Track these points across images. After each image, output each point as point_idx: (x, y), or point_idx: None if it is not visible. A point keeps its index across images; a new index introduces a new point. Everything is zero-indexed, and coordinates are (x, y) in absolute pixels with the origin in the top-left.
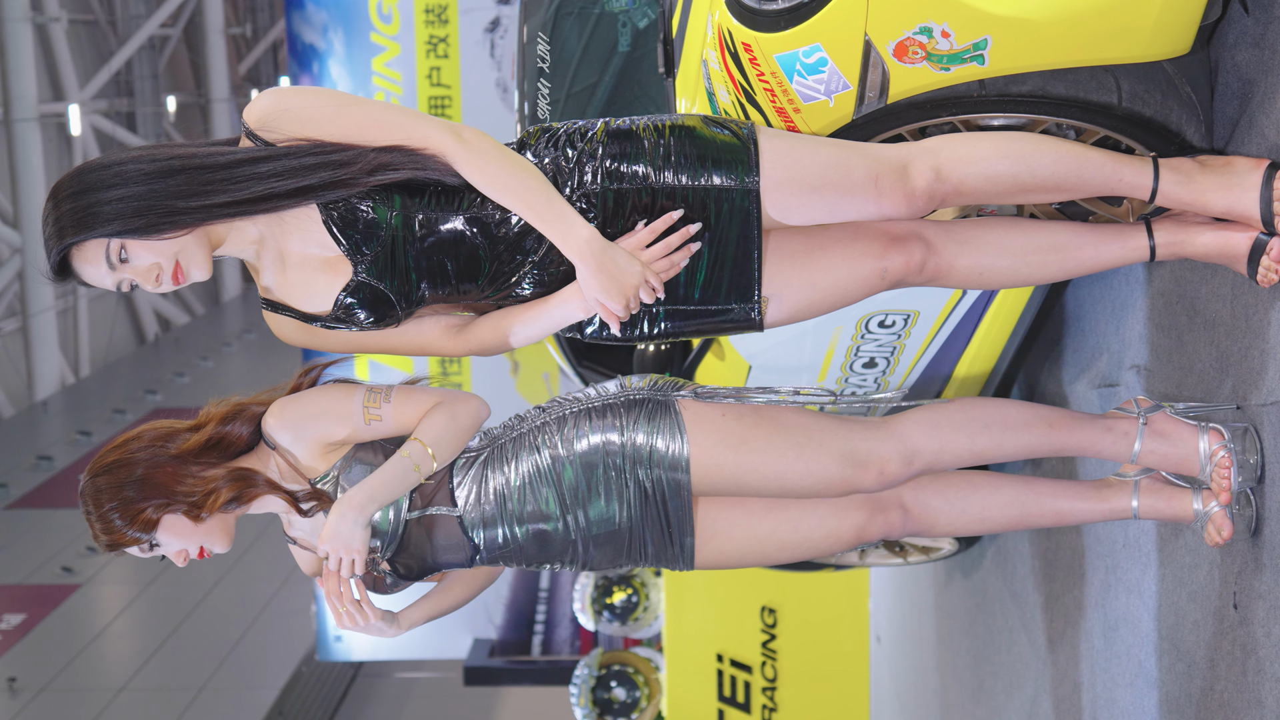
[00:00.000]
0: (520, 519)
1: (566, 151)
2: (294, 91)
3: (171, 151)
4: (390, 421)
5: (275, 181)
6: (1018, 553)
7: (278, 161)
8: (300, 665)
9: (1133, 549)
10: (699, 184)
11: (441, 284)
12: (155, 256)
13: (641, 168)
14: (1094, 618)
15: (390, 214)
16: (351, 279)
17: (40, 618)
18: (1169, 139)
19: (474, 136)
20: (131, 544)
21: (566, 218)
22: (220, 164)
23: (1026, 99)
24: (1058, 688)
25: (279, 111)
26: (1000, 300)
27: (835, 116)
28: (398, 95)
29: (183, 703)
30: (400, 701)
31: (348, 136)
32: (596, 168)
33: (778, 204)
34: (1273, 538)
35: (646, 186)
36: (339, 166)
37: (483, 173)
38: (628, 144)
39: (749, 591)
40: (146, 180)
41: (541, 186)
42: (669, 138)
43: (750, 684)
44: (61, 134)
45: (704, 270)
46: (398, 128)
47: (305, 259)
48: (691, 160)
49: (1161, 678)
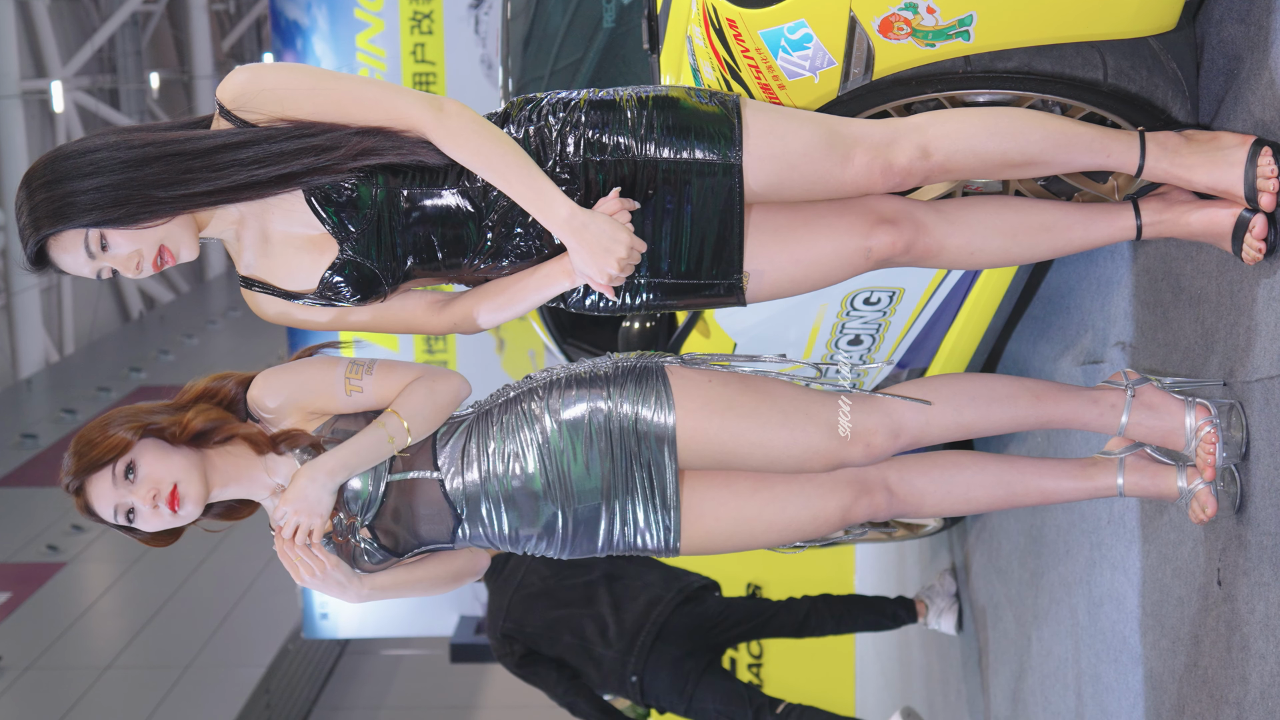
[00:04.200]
0: (503, 482)
1: (549, 120)
2: (269, 69)
3: (148, 137)
4: (371, 394)
5: (256, 169)
6: (1003, 529)
7: (258, 147)
8: (286, 643)
9: (1117, 526)
10: (680, 157)
11: (429, 259)
12: (136, 244)
13: (624, 139)
14: (1079, 594)
15: (374, 191)
16: (337, 257)
17: (25, 596)
18: (1155, 115)
19: (454, 110)
20: (104, 466)
21: (546, 194)
22: (199, 150)
23: (1012, 75)
24: (1042, 664)
25: (255, 91)
26: (985, 277)
27: (820, 93)
28: (382, 71)
29: (169, 680)
30: (386, 678)
31: (326, 115)
32: (579, 139)
33: (760, 178)
34: (1257, 515)
35: (628, 159)
36: (321, 152)
37: (462, 148)
38: (610, 114)
39: (735, 568)
40: (123, 168)
41: (521, 162)
42: (651, 109)
43: (736, 660)
44: (44, 111)
45: (686, 244)
46: (377, 105)
47: (289, 238)
48: (674, 132)
49: (1146, 654)
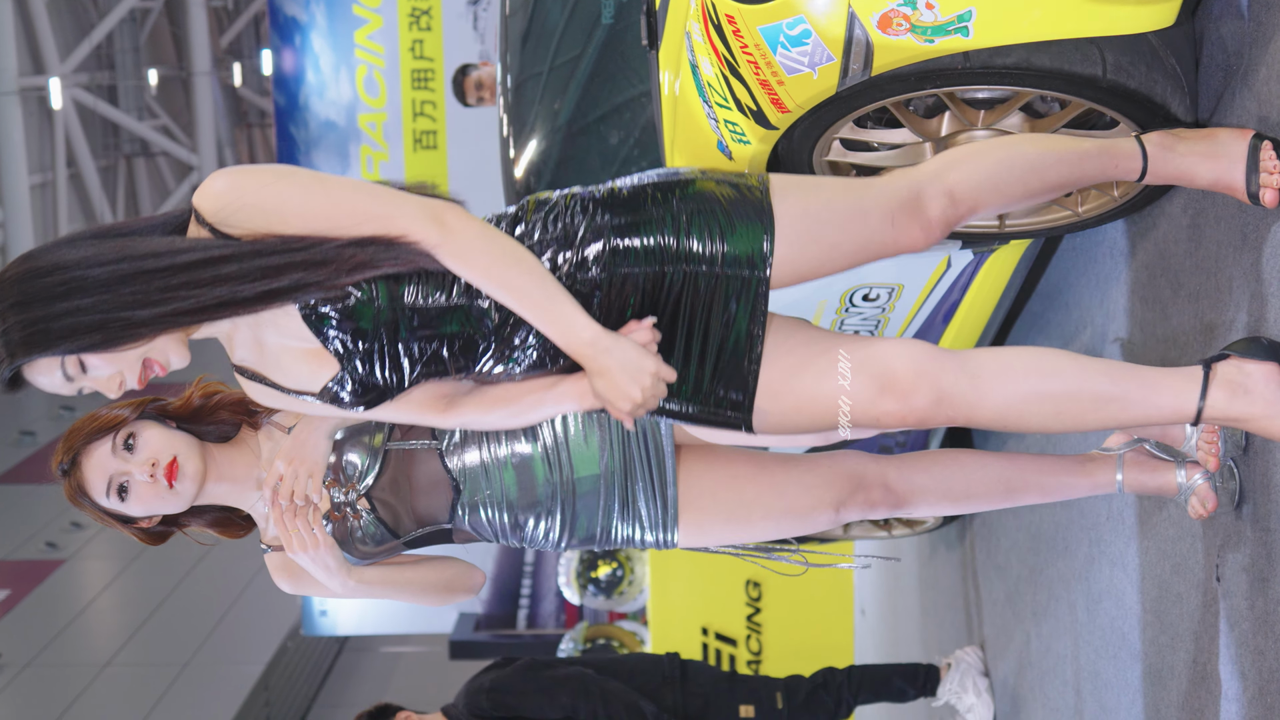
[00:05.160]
0: (502, 455)
1: (566, 222)
2: (250, 178)
3: (122, 249)
4: None
5: (240, 285)
6: (1001, 526)
7: (242, 262)
8: (285, 640)
9: (1116, 522)
10: (713, 270)
11: (437, 368)
12: (116, 366)
13: (650, 244)
14: (1077, 590)
15: (375, 303)
16: (339, 372)
17: (24, 593)
18: (1153, 111)
19: (458, 224)
20: (105, 435)
21: (566, 315)
22: (177, 265)
23: (1011, 71)
24: (1041, 660)
25: (236, 205)
26: (985, 274)
27: (819, 89)
28: (380, 68)
29: (168, 678)
30: (385, 675)
31: (316, 229)
32: (602, 250)
33: (797, 266)
34: (1255, 510)
35: (654, 270)
36: (311, 267)
37: (470, 267)
38: (634, 218)
39: (733, 565)
40: (98, 289)
41: (536, 279)
42: (677, 205)
43: (735, 657)
44: (42, 107)
45: (695, 365)
46: (370, 218)
47: (285, 349)
48: (704, 237)
49: (1145, 650)
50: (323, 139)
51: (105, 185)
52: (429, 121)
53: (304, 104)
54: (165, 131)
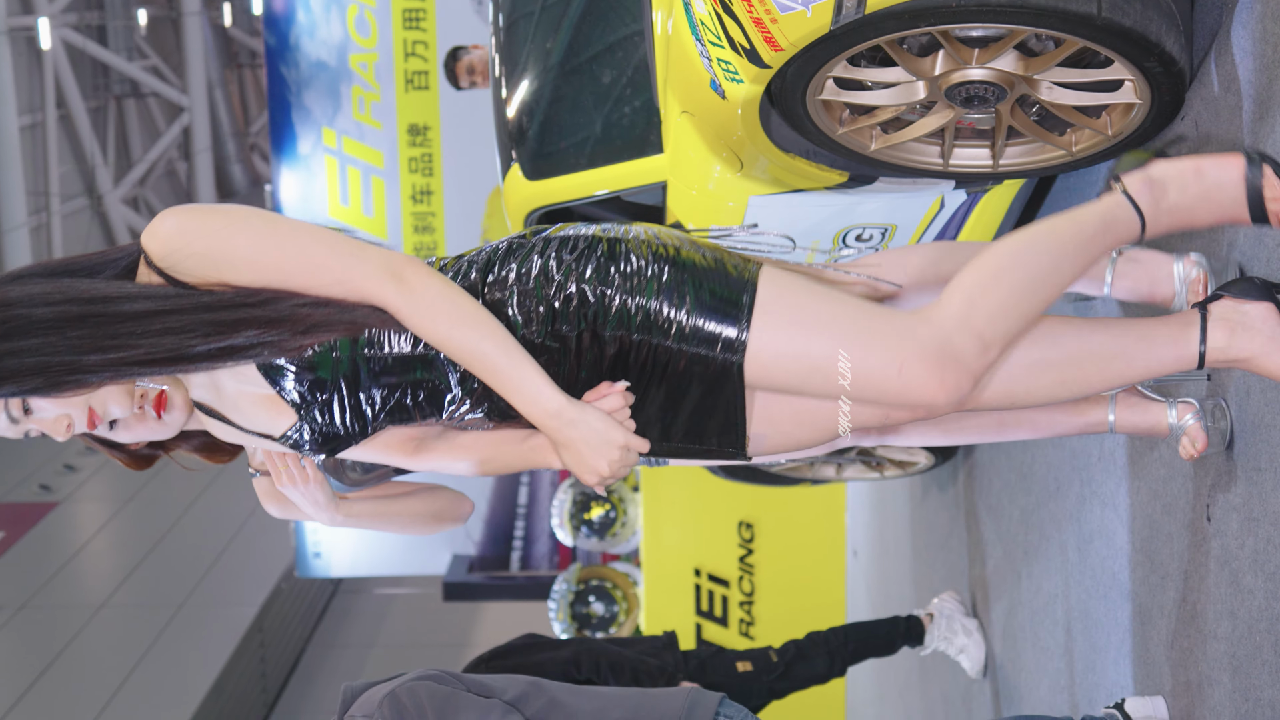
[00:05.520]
0: None
1: (542, 266)
2: (199, 221)
3: (71, 291)
4: None
5: (192, 339)
6: (993, 467)
7: (193, 315)
8: (279, 581)
9: (1108, 462)
10: (680, 348)
11: (402, 417)
12: (63, 409)
13: (621, 308)
14: (1069, 531)
15: (336, 357)
16: (298, 421)
17: (19, 536)
18: (1148, 49)
19: (418, 280)
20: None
21: (530, 384)
22: (128, 313)
23: (1005, 9)
24: (1032, 600)
25: (185, 252)
26: (978, 214)
27: (813, 27)
28: (371, 8)
29: (162, 620)
30: (379, 617)
31: (268, 281)
32: (574, 307)
33: (770, 380)
34: (1246, 450)
35: (623, 337)
36: (266, 325)
37: (431, 329)
38: (605, 281)
39: (726, 507)
40: (43, 330)
41: (499, 345)
42: (653, 271)
43: (728, 598)
44: (31, 48)
45: (672, 418)
46: (325, 272)
47: (242, 394)
48: (681, 307)
49: (1135, 589)
50: (314, 79)
51: (95, 126)
52: (420, 62)
53: (295, 44)
54: (155, 72)
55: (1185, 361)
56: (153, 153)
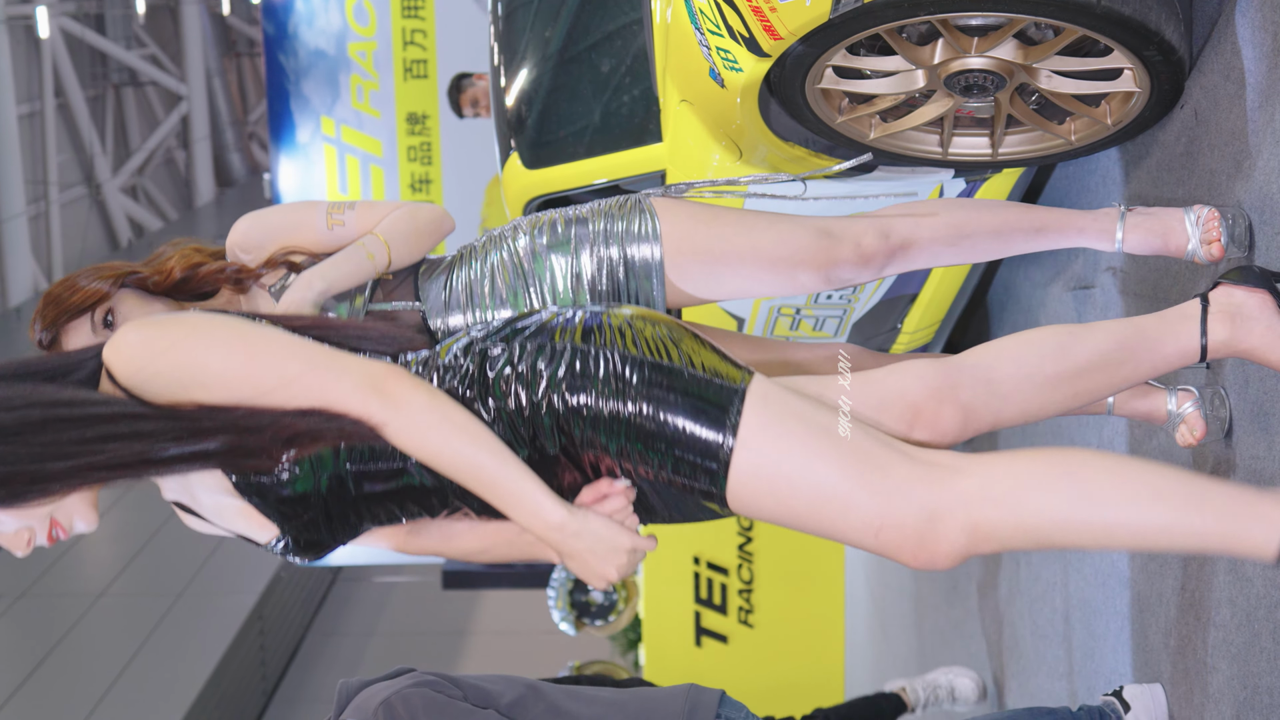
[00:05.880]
0: (485, 308)
1: (515, 373)
2: (163, 336)
3: (33, 395)
4: (353, 228)
5: (161, 443)
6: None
7: (165, 421)
8: (279, 570)
9: (1107, 450)
10: (661, 475)
11: (391, 520)
12: (24, 521)
13: (598, 420)
14: None
15: (318, 478)
16: (280, 536)
17: None
18: (1148, 38)
19: (403, 393)
20: (82, 314)
21: (530, 498)
22: (94, 416)
23: None
24: (1031, 587)
25: (150, 371)
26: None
27: (812, 15)
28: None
29: (162, 608)
30: (379, 605)
31: (241, 398)
32: (562, 406)
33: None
34: (1244, 439)
35: (602, 456)
36: (243, 433)
37: (420, 446)
38: (579, 390)
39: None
40: (4, 439)
41: (494, 457)
42: (630, 380)
43: (727, 586)
44: (29, 36)
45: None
46: (302, 389)
47: (220, 506)
48: (670, 413)
49: (1133, 577)
50: (312, 68)
51: (93, 115)
52: (419, 50)
53: (293, 32)
54: (154, 61)
55: (1188, 356)
56: (151, 141)
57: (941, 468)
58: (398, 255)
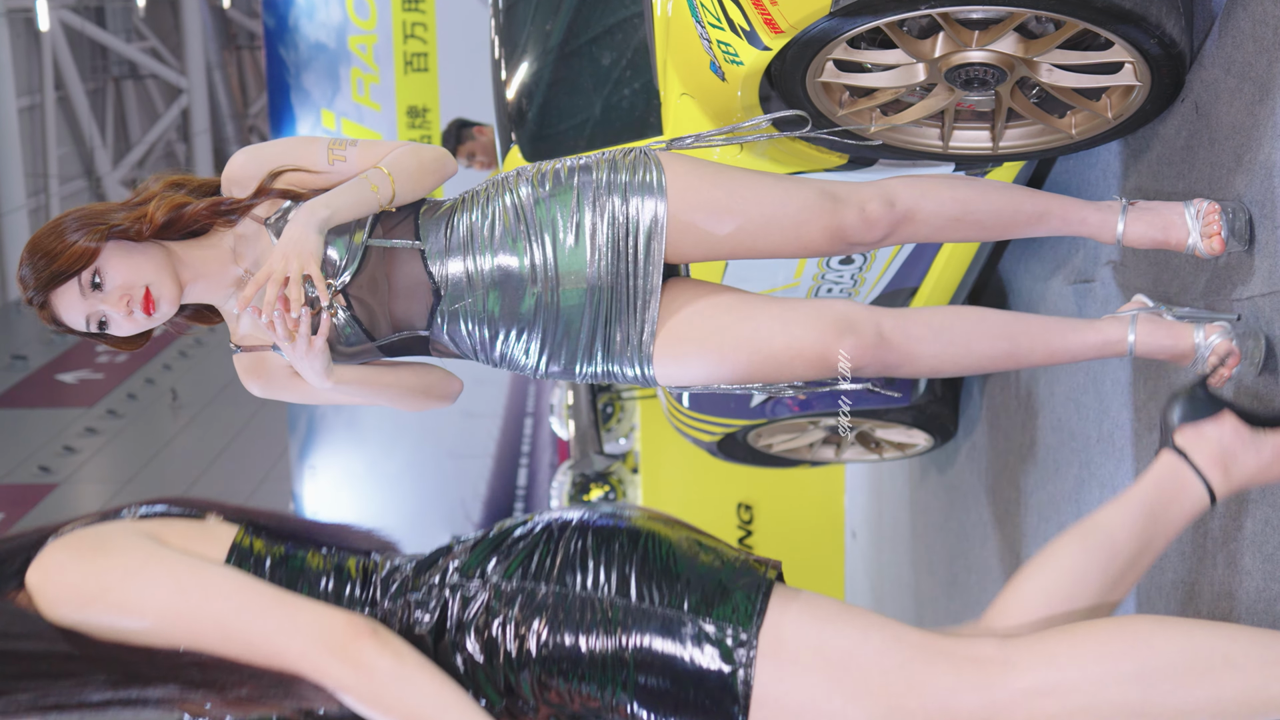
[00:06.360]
0: (485, 253)
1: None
2: (92, 579)
3: None
4: (354, 163)
5: (95, 684)
6: (992, 449)
7: (103, 657)
8: None
9: (1106, 444)
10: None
11: None
12: None
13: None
14: (1067, 513)
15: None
16: None
17: (18, 517)
18: (1148, 32)
19: (367, 657)
20: (69, 278)
21: None
22: (13, 652)
23: None
24: None
25: (77, 619)
26: None
27: (814, 7)
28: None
29: None
30: None
31: (184, 645)
32: (543, 660)
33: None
34: None
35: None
36: (189, 685)
37: (383, 716)
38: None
39: (725, 487)
40: None
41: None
42: (624, 606)
43: None
44: (29, 29)
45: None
46: (249, 649)
47: None
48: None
49: None
50: (312, 61)
51: (94, 108)
52: (420, 44)
53: (293, 26)
54: (154, 54)
55: (1202, 505)
56: (151, 134)
57: (990, 663)
58: (402, 190)
